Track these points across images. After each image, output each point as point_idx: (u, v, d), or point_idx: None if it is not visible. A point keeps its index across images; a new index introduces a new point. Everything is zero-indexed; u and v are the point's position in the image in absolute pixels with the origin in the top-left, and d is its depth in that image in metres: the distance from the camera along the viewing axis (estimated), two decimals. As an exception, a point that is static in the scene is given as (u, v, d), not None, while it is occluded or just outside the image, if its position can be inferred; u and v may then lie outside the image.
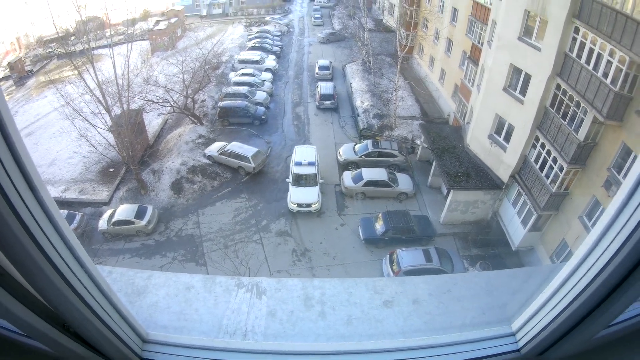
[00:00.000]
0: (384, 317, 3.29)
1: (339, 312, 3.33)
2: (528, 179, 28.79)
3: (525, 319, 2.72)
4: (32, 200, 1.64)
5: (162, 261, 32.56)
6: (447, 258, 29.58)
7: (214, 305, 3.38)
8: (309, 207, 35.12)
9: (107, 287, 2.31)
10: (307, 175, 36.32)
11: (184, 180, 38.72)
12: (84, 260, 2.06)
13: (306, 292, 3.52)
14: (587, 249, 2.11)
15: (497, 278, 4.03)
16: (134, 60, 42.97)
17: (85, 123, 36.79)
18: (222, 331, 3.18)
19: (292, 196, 35.48)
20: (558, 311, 2.36)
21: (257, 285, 3.57)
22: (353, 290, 3.56)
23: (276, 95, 55.94)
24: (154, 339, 2.86)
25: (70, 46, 43.75)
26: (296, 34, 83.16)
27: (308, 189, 35.68)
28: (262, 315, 3.30)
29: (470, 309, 3.37)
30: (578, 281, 2.18)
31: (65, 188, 40.79)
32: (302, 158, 37.57)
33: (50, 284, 1.86)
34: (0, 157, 1.45)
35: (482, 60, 34.28)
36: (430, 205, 36.02)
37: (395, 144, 41.08)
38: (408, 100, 49.48)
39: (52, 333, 2.11)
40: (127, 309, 2.60)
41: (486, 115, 31.83)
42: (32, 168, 1.61)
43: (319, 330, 3.21)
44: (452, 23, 45.43)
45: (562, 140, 25.22)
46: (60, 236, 1.85)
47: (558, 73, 25.03)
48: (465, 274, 16.81)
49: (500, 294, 3.50)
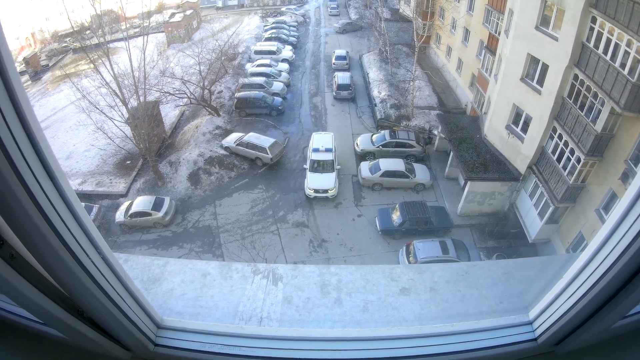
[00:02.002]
0: (400, 304, 3.33)
1: (355, 298, 3.38)
2: (545, 171, 28.61)
3: (541, 308, 2.73)
4: (51, 188, 1.69)
5: (179, 252, 32.76)
6: (464, 250, 29.47)
7: (229, 292, 3.45)
8: (325, 192, 35.35)
9: (122, 273, 2.36)
10: (324, 161, 36.53)
11: (201, 172, 38.91)
12: (100, 246, 2.08)
13: (323, 278, 3.57)
14: (602, 238, 2.11)
15: (514, 266, 4.04)
16: (150, 52, 43.18)
17: (102, 116, 37.03)
18: (238, 317, 3.24)
19: (310, 182, 35.76)
20: (574, 301, 2.37)
21: (274, 272, 3.62)
22: (370, 277, 3.59)
23: (293, 85, 55.99)
24: (168, 325, 2.91)
25: (85, 40, 43.90)
26: (312, 24, 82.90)
27: (325, 175, 35.88)
28: (278, 301, 3.36)
29: (487, 297, 3.39)
30: (594, 271, 2.19)
31: (83, 181, 41.12)
32: (319, 144, 37.80)
33: (66, 268, 1.89)
34: (20, 147, 1.50)
35: (500, 50, 34.12)
36: (447, 196, 35.92)
37: (412, 134, 40.98)
38: (425, 90, 49.33)
39: (66, 318, 2.16)
40: (142, 295, 2.64)
41: (503, 105, 31.74)
42: (51, 157, 1.65)
43: (335, 317, 3.26)
44: (468, 12, 45.23)
45: (579, 131, 25.07)
46: (77, 221, 1.88)
47: (575, 63, 24.83)
48: (482, 262, 16.76)
49: (517, 283, 3.54)
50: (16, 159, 1.48)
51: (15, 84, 1.44)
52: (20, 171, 1.50)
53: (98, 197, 38.85)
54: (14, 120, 1.49)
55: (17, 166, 1.49)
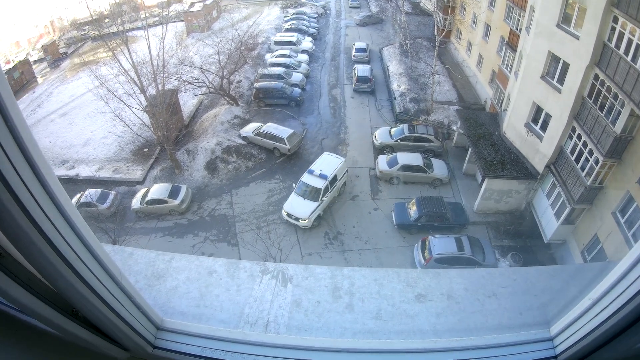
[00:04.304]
0: (415, 313, 3.23)
1: (368, 304, 3.29)
2: (563, 171, 28.54)
3: (565, 323, 2.63)
4: (33, 180, 1.61)
5: (194, 240, 33.24)
6: (479, 247, 29.65)
7: (236, 292, 3.39)
8: (297, 220, 33.00)
9: (118, 274, 2.30)
10: (311, 187, 33.57)
11: (218, 161, 39.39)
12: (90, 244, 2.02)
13: (335, 281, 3.48)
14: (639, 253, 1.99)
15: (536, 275, 3.88)
16: (169, 41, 43.63)
17: (120, 103, 37.61)
18: (243, 320, 3.18)
19: (286, 203, 33.89)
20: (603, 318, 2.24)
21: (283, 272, 3.55)
22: (384, 281, 3.50)
23: (312, 77, 56.21)
24: (169, 327, 2.87)
25: (104, 29, 44.32)
26: (333, 16, 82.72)
27: (305, 202, 33.22)
28: (287, 304, 3.30)
29: (506, 308, 3.28)
30: (630, 284, 2.04)
31: (100, 167, 41.94)
32: (319, 167, 34.54)
33: (52, 267, 1.83)
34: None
35: (520, 47, 33.99)
36: (464, 192, 36.08)
37: (431, 129, 41.14)
38: (445, 85, 49.44)
39: (57, 318, 2.11)
40: (140, 297, 2.60)
41: (523, 103, 31.72)
42: (33, 147, 1.57)
43: (346, 324, 3.17)
44: (490, 8, 45.14)
45: (598, 132, 24.90)
46: (62, 216, 1.81)
47: (596, 63, 24.58)
48: (502, 269, 16.60)
49: (539, 293, 3.40)
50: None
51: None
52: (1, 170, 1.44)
53: (115, 184, 39.58)
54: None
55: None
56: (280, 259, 28.04)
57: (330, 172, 33.89)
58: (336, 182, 34.47)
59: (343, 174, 35.27)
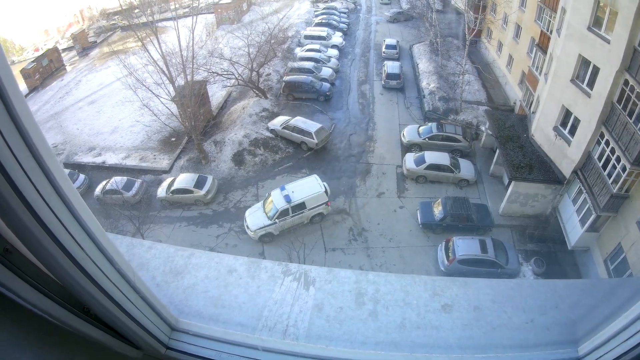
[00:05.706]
0: (441, 323, 3.15)
1: (392, 313, 3.21)
2: (590, 177, 28.36)
3: (595, 343, 2.54)
4: (39, 174, 1.56)
5: (219, 231, 33.75)
6: (503, 250, 29.71)
7: (256, 293, 3.33)
8: (247, 228, 32.57)
9: (131, 274, 2.29)
10: (272, 204, 32.52)
11: (245, 153, 39.84)
12: (96, 237, 1.95)
13: (359, 286, 3.38)
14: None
15: (566, 289, 3.63)
16: (199, 33, 44.06)
17: (148, 93, 37.96)
18: (261, 323, 3.12)
19: (251, 207, 33.90)
20: (638, 341, 2.17)
21: (306, 274, 3.47)
22: (410, 288, 3.41)
23: (342, 72, 56.34)
24: (184, 328, 2.84)
25: (133, 19, 44.84)
26: (363, 12, 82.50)
27: (260, 215, 32.60)
28: (308, 308, 3.22)
29: (534, 323, 3.14)
30: None
31: (126, 155, 42.91)
32: (293, 188, 33.16)
33: (60, 266, 1.80)
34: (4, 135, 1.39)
35: (551, 49, 33.86)
36: (490, 194, 36.07)
37: (459, 128, 41.17)
38: (474, 84, 49.60)
39: (66, 316, 2.09)
40: (154, 295, 2.58)
41: (552, 106, 31.56)
42: (39, 139, 1.53)
43: (369, 332, 3.08)
44: (521, 8, 45.18)
45: (627, 139, 24.55)
46: (71, 212, 1.77)
47: (627, 68, 24.20)
48: (531, 280, 15.89)
49: (568, 309, 3.27)
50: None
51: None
52: (2, 162, 1.41)
53: (141, 172, 40.43)
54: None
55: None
56: (303, 254, 28.31)
57: (298, 198, 32.35)
58: (304, 210, 32.66)
59: (317, 204, 33.07)
